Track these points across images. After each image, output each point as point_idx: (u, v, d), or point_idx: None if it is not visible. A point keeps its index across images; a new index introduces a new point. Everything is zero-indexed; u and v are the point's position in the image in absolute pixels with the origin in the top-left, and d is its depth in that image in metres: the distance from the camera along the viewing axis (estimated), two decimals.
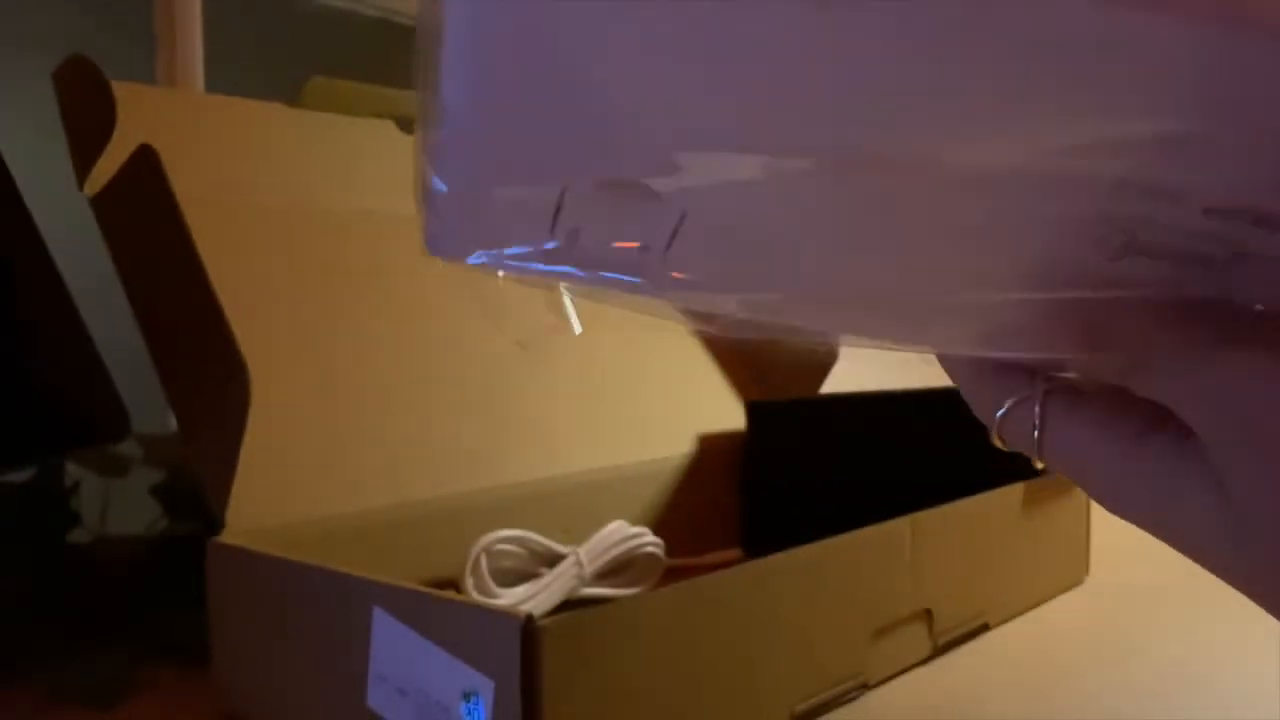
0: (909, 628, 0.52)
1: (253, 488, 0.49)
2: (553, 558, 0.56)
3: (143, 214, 0.53)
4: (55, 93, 0.57)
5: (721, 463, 0.74)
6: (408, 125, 0.69)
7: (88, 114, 0.55)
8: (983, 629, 0.57)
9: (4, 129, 0.68)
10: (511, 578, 0.55)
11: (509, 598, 0.53)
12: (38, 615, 0.57)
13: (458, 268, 0.22)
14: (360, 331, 0.61)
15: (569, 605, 0.55)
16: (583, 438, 0.67)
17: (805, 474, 0.70)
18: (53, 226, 0.59)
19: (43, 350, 0.57)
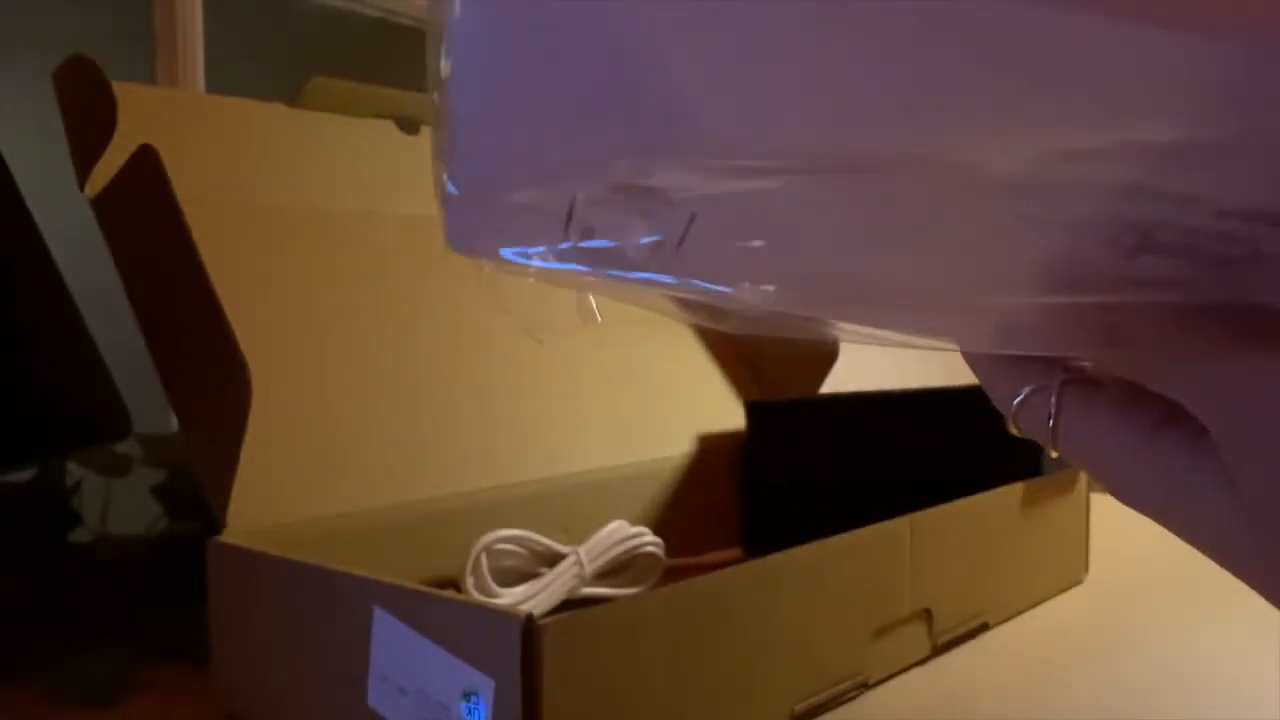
0: (908, 627, 0.52)
1: (253, 487, 0.49)
2: (553, 557, 0.56)
3: (143, 214, 0.54)
4: (56, 93, 0.58)
5: (721, 463, 0.74)
6: (408, 125, 0.70)
7: (88, 114, 0.55)
8: (982, 629, 0.58)
9: (5, 129, 0.68)
10: (512, 577, 0.55)
11: (509, 597, 0.53)
12: (38, 615, 0.57)
13: (475, 264, 0.23)
14: (361, 332, 0.61)
15: (569, 605, 0.55)
16: (583, 438, 0.67)
17: (805, 474, 0.70)
18: (53, 227, 0.59)
19: (44, 350, 0.57)
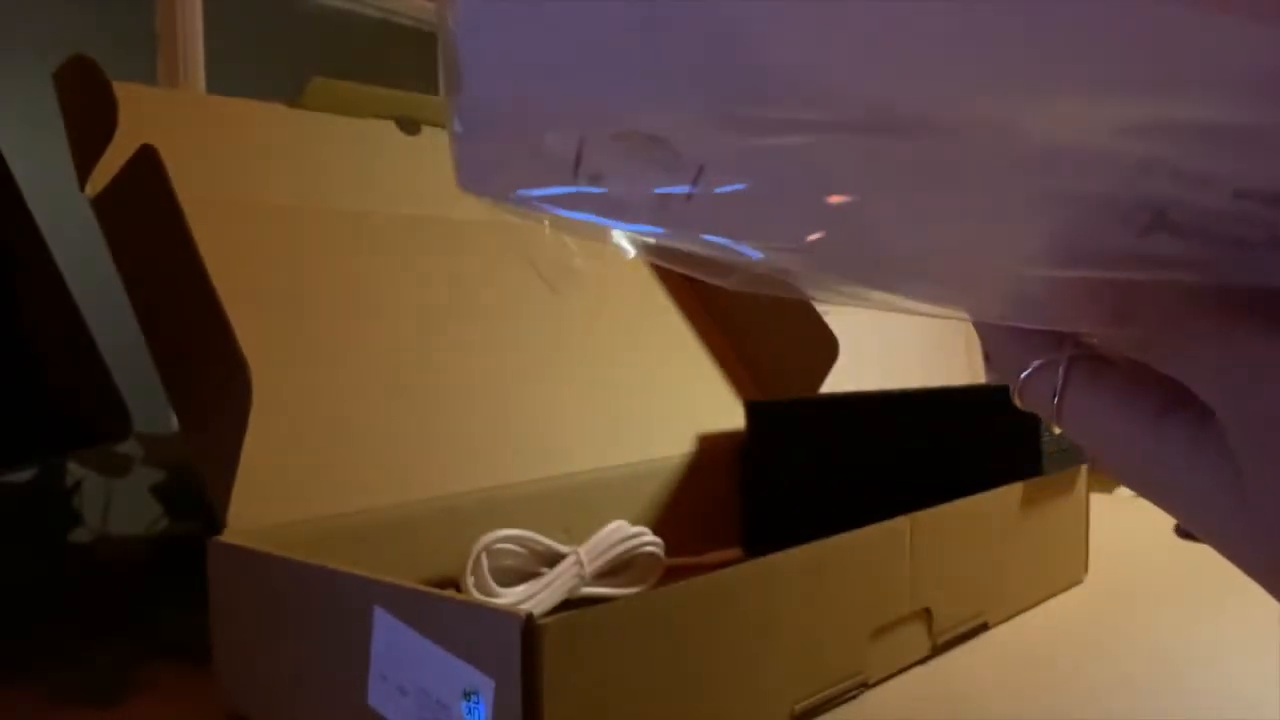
0: (908, 627, 0.52)
1: (254, 487, 0.49)
2: (553, 557, 0.56)
3: (144, 214, 0.54)
4: (56, 93, 0.58)
5: (721, 463, 0.74)
6: (408, 126, 0.70)
7: (89, 114, 0.55)
8: (982, 628, 0.58)
9: (5, 129, 0.68)
10: (512, 577, 0.55)
11: (509, 597, 0.53)
12: (39, 614, 0.58)
13: (487, 205, 0.23)
14: (361, 331, 0.61)
15: (569, 604, 0.55)
16: (583, 437, 0.67)
17: (805, 474, 0.70)
18: (54, 227, 0.59)
19: (45, 350, 0.57)
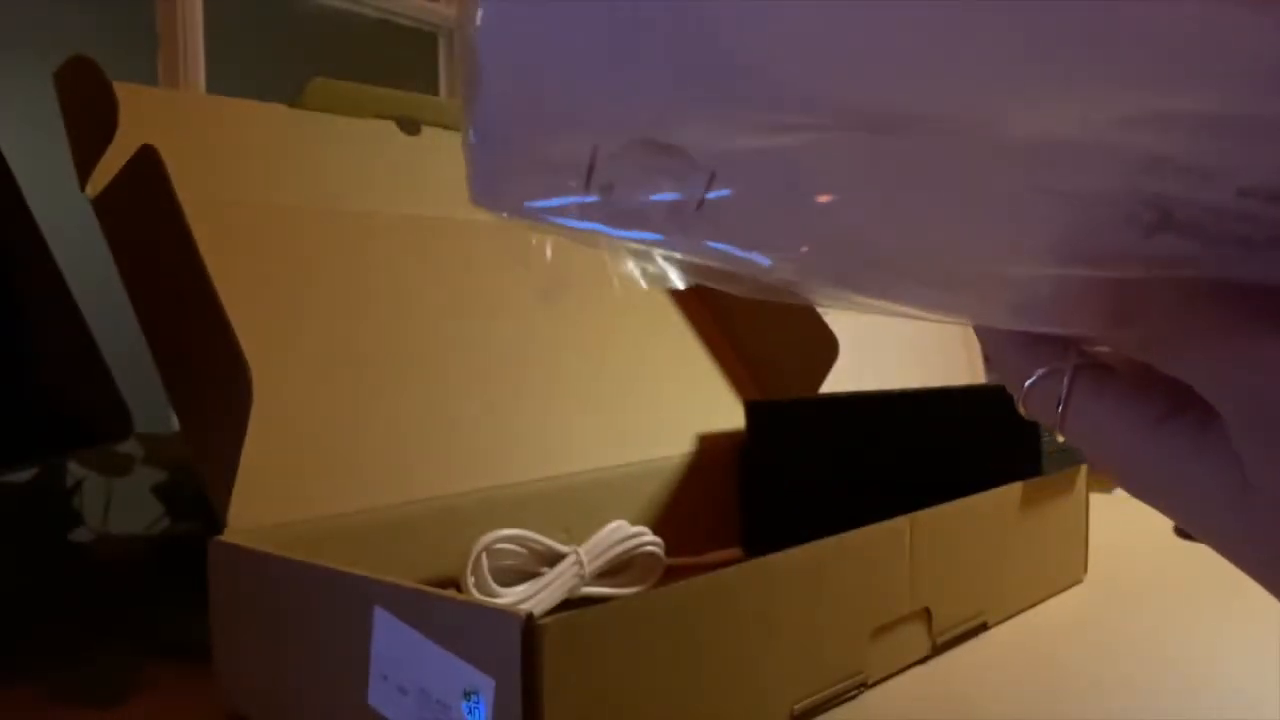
0: (908, 627, 0.52)
1: (254, 487, 0.49)
2: (553, 557, 0.56)
3: (144, 215, 0.54)
4: (57, 93, 0.58)
5: (721, 463, 0.74)
6: (409, 126, 0.70)
7: (89, 115, 0.55)
8: (981, 628, 0.58)
9: (5, 129, 0.68)
10: (512, 577, 0.55)
11: (509, 597, 0.53)
12: (39, 614, 0.58)
13: (499, 220, 0.23)
14: (361, 332, 0.61)
15: (569, 604, 0.55)
16: (583, 437, 0.67)
17: (804, 474, 0.71)
18: (55, 227, 0.59)
19: (45, 350, 0.57)
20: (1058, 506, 0.65)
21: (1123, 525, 0.81)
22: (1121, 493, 0.24)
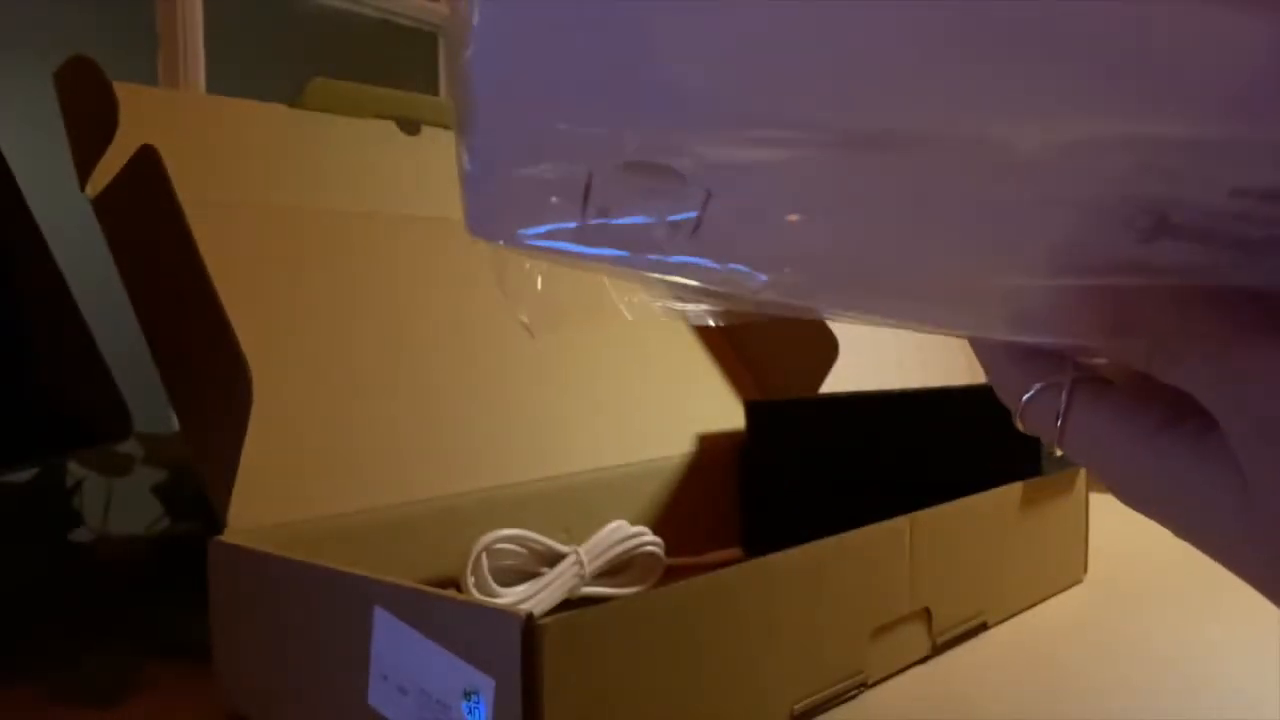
0: (908, 626, 0.52)
1: (254, 487, 0.49)
2: (553, 557, 0.56)
3: (144, 215, 0.54)
4: (57, 93, 0.58)
5: (721, 463, 0.74)
6: (409, 126, 0.70)
7: (89, 115, 0.55)
8: (981, 628, 0.58)
9: (5, 129, 0.68)
10: (512, 577, 0.55)
11: (509, 597, 0.53)
12: (39, 614, 0.58)
13: (483, 256, 0.23)
14: (361, 332, 0.61)
15: (569, 604, 0.55)
16: (583, 437, 0.67)
17: (805, 474, 0.71)
18: (55, 227, 0.59)
19: (45, 350, 0.57)
20: (1058, 506, 0.65)
21: (1123, 525, 0.80)
22: None
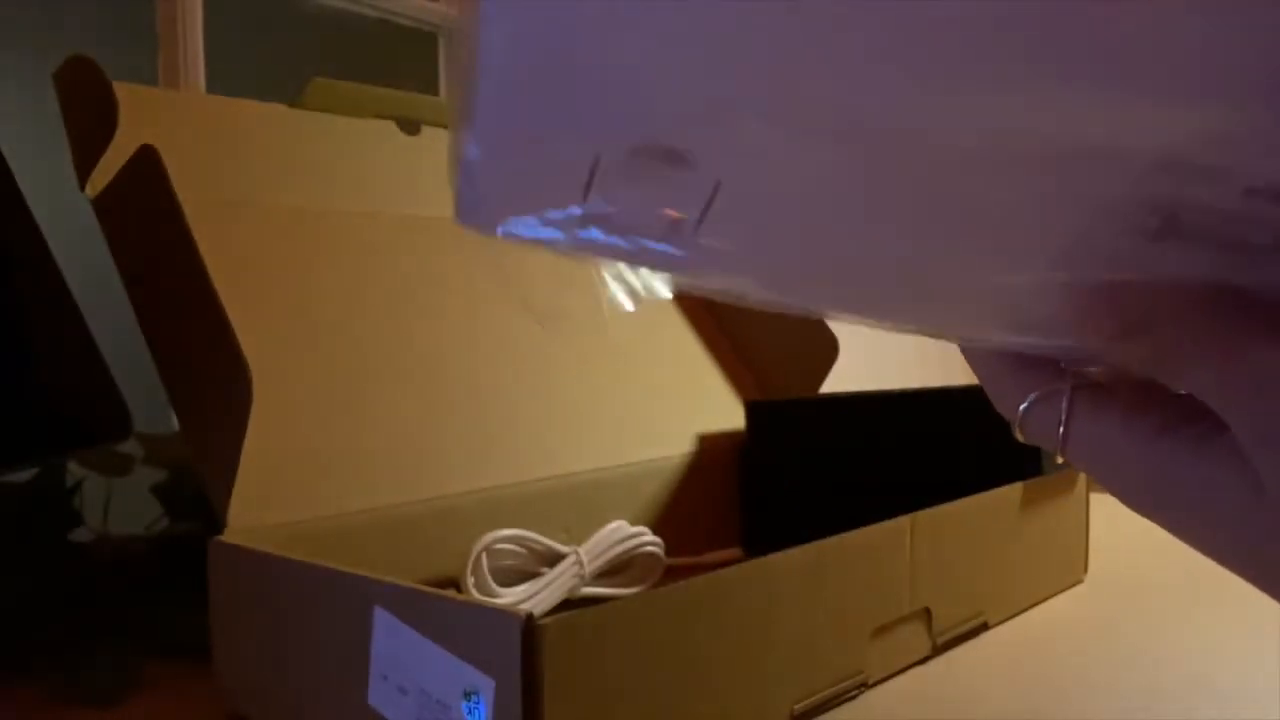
0: (908, 626, 0.52)
1: (254, 487, 0.49)
2: (553, 557, 0.56)
3: (144, 215, 0.54)
4: (57, 93, 0.58)
5: (721, 463, 0.74)
6: (409, 126, 0.70)
7: (89, 115, 0.55)
8: (982, 628, 0.58)
9: (5, 129, 0.68)
10: (512, 577, 0.55)
11: (509, 597, 0.53)
12: (39, 614, 0.57)
13: (484, 250, 0.22)
14: (361, 332, 0.61)
15: (569, 604, 0.55)
16: (583, 437, 0.67)
17: (804, 474, 0.70)
18: (55, 227, 0.59)
19: (45, 350, 0.57)
20: (1058, 506, 0.65)
21: (1123, 525, 0.81)
22: None
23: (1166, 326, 0.21)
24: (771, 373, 0.81)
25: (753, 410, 0.74)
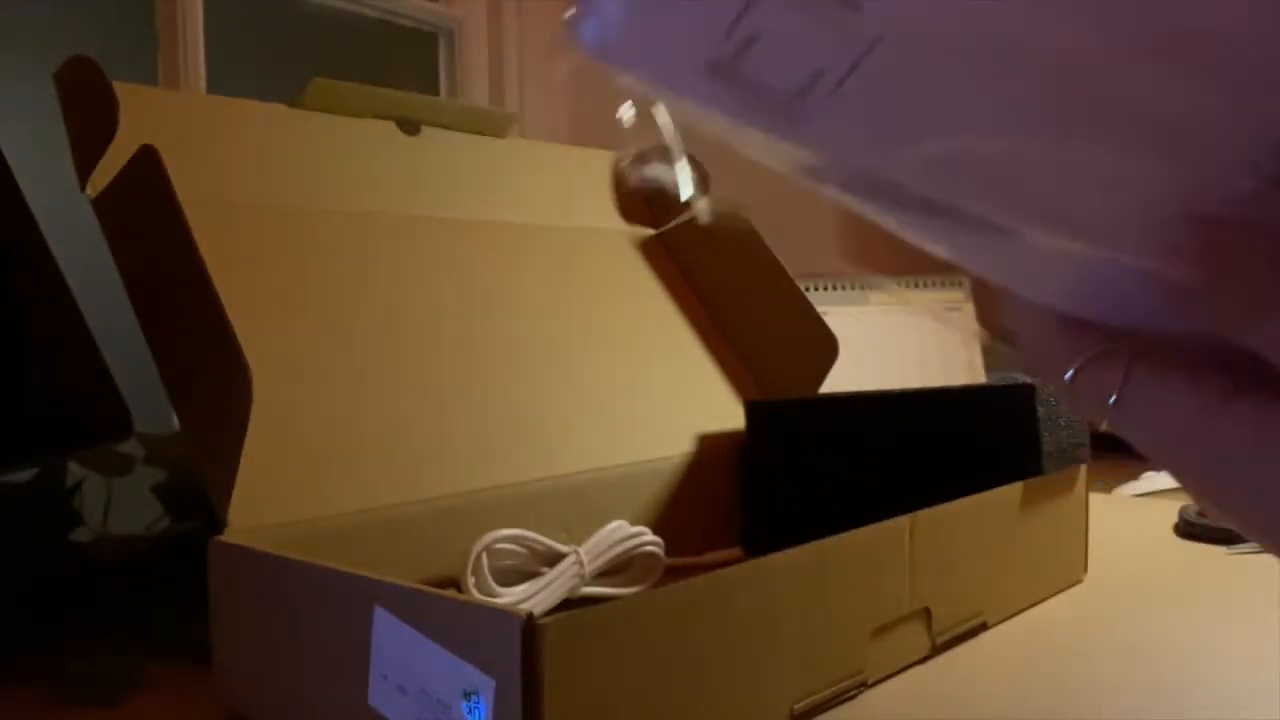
0: (908, 626, 0.52)
1: (254, 487, 0.49)
2: (553, 557, 0.56)
3: (145, 215, 0.54)
4: (57, 93, 0.58)
5: (721, 463, 0.74)
6: (409, 126, 0.70)
7: (90, 115, 0.55)
8: (981, 628, 0.58)
9: (6, 129, 0.68)
10: (512, 576, 0.55)
11: (510, 596, 0.54)
12: (40, 613, 0.58)
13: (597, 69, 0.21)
14: (361, 332, 0.61)
15: (569, 604, 0.55)
16: (583, 438, 0.67)
17: (804, 474, 0.71)
18: (55, 227, 0.59)
19: (45, 350, 0.57)
20: (1058, 506, 0.65)
21: (1123, 525, 0.81)
22: (1122, 492, 0.23)
23: (1249, 278, 0.20)
24: (771, 373, 0.82)
25: (753, 410, 0.74)
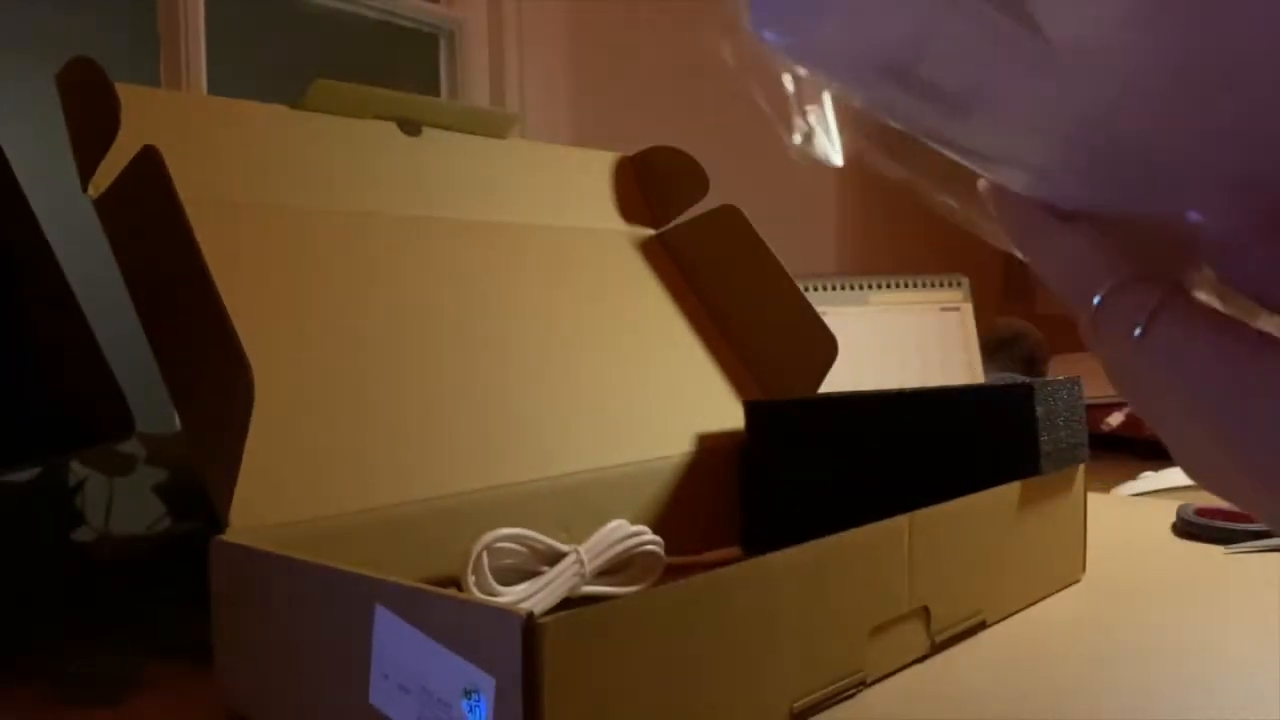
0: (907, 625, 0.52)
1: (256, 486, 0.49)
2: (553, 556, 0.56)
3: (146, 215, 0.54)
4: (59, 94, 0.58)
5: (721, 462, 0.75)
6: (410, 127, 0.70)
7: (91, 116, 0.56)
8: (980, 627, 0.58)
9: (7, 130, 0.68)
10: (512, 576, 0.55)
11: (510, 595, 0.54)
12: (41, 613, 0.58)
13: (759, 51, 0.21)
14: (362, 332, 0.61)
15: (569, 603, 0.55)
16: (583, 437, 0.67)
17: (804, 474, 0.71)
18: (57, 227, 0.59)
19: (47, 350, 0.57)
20: (1056, 506, 0.65)
21: (1121, 525, 0.81)
22: (1120, 492, 0.23)
23: None
24: (771, 373, 0.82)
25: (753, 410, 0.74)
